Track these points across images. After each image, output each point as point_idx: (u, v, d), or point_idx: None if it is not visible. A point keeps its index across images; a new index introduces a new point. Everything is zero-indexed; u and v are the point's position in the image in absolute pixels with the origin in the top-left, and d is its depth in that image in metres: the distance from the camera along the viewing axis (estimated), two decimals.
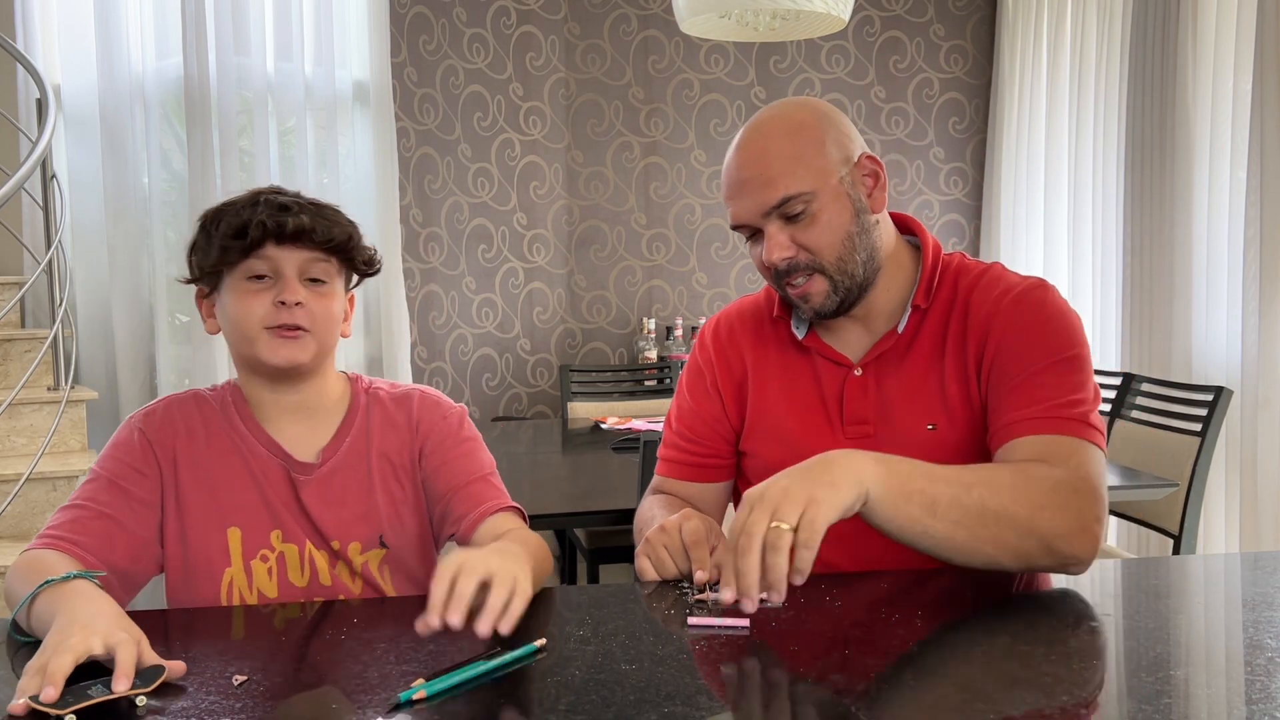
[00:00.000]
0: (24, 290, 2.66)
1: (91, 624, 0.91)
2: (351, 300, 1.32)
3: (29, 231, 3.23)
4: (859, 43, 4.46)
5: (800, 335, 1.37)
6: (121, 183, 3.29)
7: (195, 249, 1.25)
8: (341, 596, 1.26)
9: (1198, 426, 2.51)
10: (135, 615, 1.03)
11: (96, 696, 0.83)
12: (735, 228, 1.31)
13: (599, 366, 4.27)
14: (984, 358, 1.27)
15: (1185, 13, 3.17)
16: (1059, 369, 1.22)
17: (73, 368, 3.02)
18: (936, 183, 4.55)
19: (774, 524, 0.97)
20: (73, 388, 2.96)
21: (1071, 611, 1.07)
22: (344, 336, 1.29)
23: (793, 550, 0.97)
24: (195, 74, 3.27)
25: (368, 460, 1.29)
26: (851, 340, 1.35)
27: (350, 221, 1.27)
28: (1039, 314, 1.26)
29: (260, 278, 1.21)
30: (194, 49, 3.26)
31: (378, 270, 1.31)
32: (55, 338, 2.86)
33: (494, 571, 0.97)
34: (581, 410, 3.59)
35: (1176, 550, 2.48)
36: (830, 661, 0.94)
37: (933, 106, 4.54)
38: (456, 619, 0.92)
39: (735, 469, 1.46)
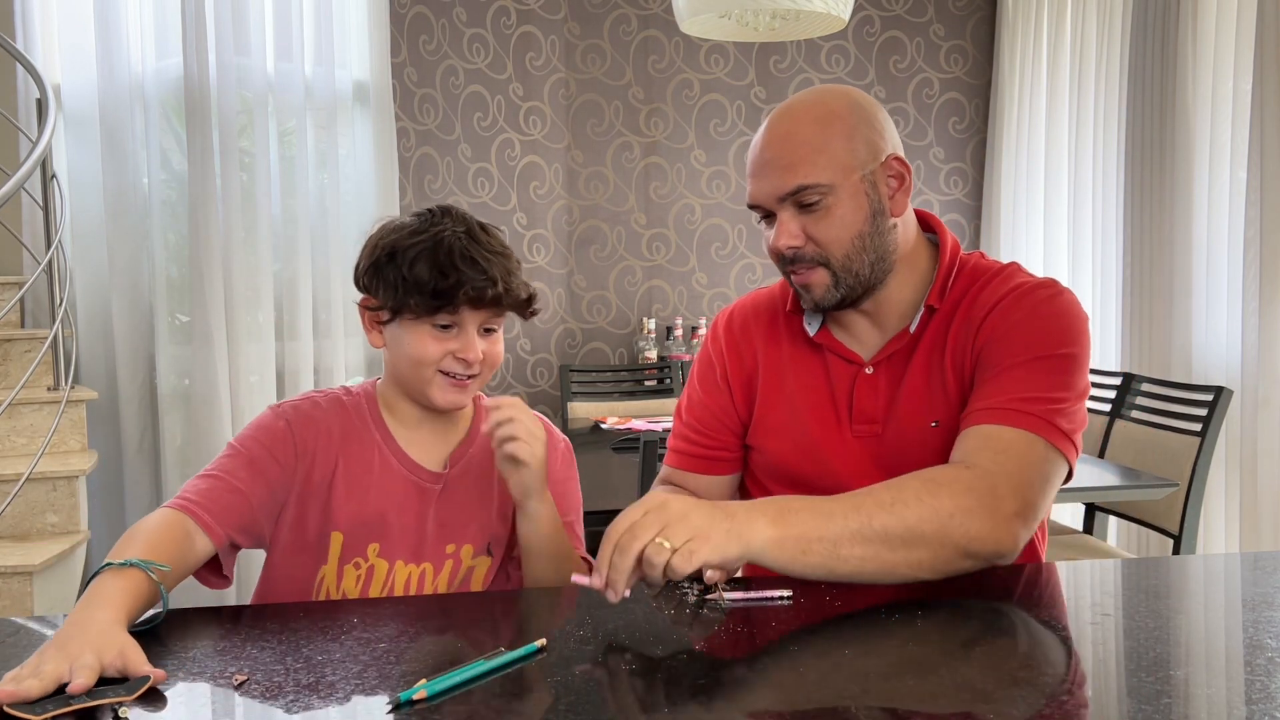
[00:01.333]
0: (24, 290, 2.66)
1: (67, 646, 0.90)
2: None
3: (29, 231, 3.23)
4: (859, 43, 4.46)
5: (812, 332, 1.37)
6: (121, 183, 3.29)
7: (377, 273, 1.27)
8: None
9: (1198, 426, 2.51)
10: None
11: (77, 704, 0.83)
12: (751, 207, 1.30)
13: (599, 366, 4.27)
14: (976, 346, 1.26)
15: (1185, 13, 3.17)
16: (1042, 365, 1.20)
17: (73, 368, 3.02)
18: (936, 183, 4.56)
19: (658, 539, 1.00)
20: (73, 388, 2.96)
21: (1072, 611, 1.07)
22: None
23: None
24: (195, 74, 3.27)
25: (491, 470, 1.34)
26: (864, 338, 1.35)
27: (519, 265, 1.31)
28: (1039, 309, 1.25)
29: (444, 327, 1.26)
30: (194, 49, 3.26)
31: (536, 313, 1.35)
32: (55, 338, 2.86)
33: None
34: (581, 410, 3.59)
35: (1176, 550, 2.48)
36: (830, 661, 0.94)
37: (933, 106, 4.54)
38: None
39: (742, 463, 1.46)
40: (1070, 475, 1.22)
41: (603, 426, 3.21)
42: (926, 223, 1.37)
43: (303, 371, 3.50)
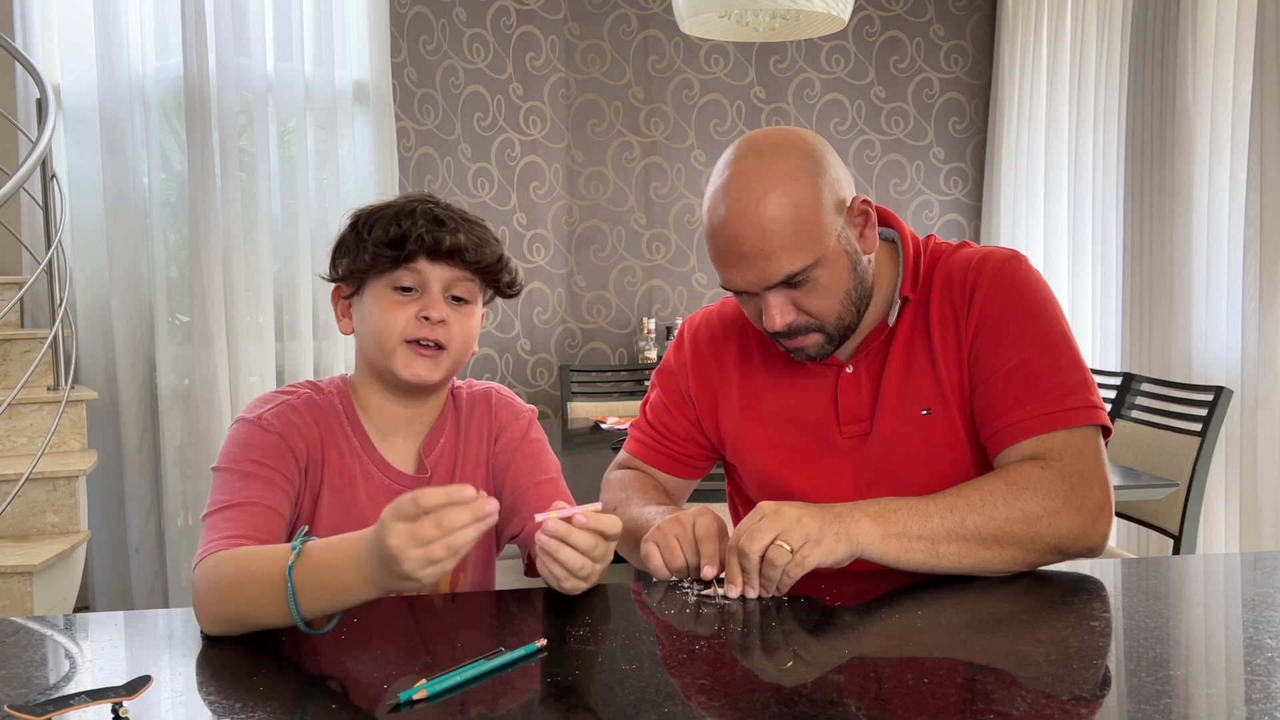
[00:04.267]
0: (24, 290, 2.66)
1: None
2: (482, 317, 1.29)
3: (29, 231, 3.23)
4: (859, 43, 4.46)
5: (784, 348, 1.35)
6: (121, 183, 3.29)
7: (343, 248, 1.23)
8: None
9: (1198, 426, 2.50)
10: (132, 615, 1.03)
11: (77, 705, 0.83)
12: (726, 288, 1.26)
13: (599, 366, 4.27)
14: (967, 329, 1.27)
15: (1185, 13, 3.17)
16: (1043, 355, 1.23)
17: (73, 368, 3.02)
18: (936, 183, 4.55)
19: (778, 541, 1.07)
20: (73, 388, 2.96)
21: (1072, 611, 1.07)
22: (472, 354, 1.28)
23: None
24: (195, 74, 3.27)
25: (455, 464, 1.29)
26: None
27: (498, 240, 1.25)
28: (1015, 291, 1.26)
29: (406, 290, 1.19)
30: (194, 49, 3.26)
31: (518, 292, 1.29)
32: (55, 338, 2.86)
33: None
34: (581, 410, 3.59)
35: (1176, 550, 2.48)
36: (830, 661, 0.94)
37: (933, 106, 4.54)
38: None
39: (704, 470, 1.47)
40: (1109, 432, 1.25)
41: (603, 426, 3.21)
42: (881, 219, 1.35)
43: (303, 371, 3.50)
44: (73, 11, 3.28)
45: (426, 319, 1.18)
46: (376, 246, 1.18)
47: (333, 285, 1.27)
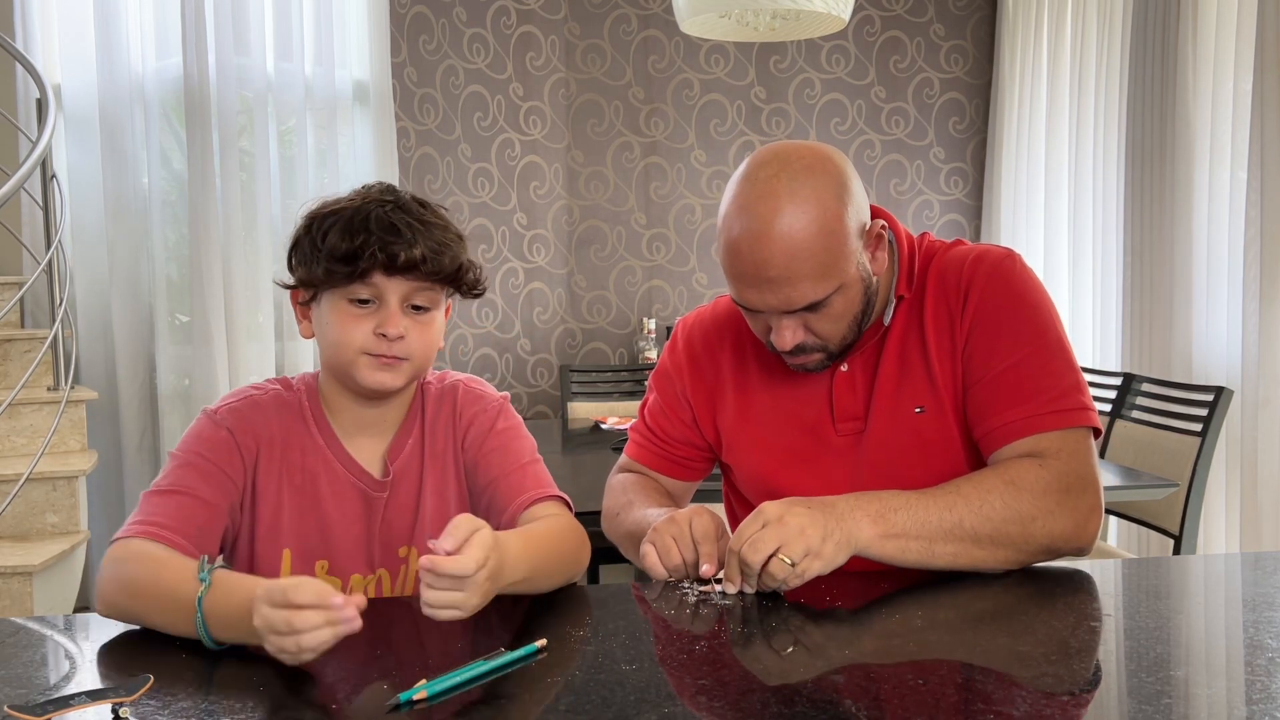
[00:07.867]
0: (24, 290, 2.66)
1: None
2: (448, 310, 1.25)
3: (29, 231, 3.23)
4: (859, 43, 4.46)
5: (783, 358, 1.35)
6: (121, 183, 3.29)
7: (297, 249, 1.19)
8: None
9: (1198, 426, 2.50)
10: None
11: (77, 705, 0.83)
12: (740, 305, 1.25)
13: (599, 366, 4.27)
14: (962, 327, 1.27)
15: (1185, 13, 3.17)
16: (1037, 356, 1.23)
17: (73, 368, 3.02)
18: (936, 183, 4.55)
19: (780, 555, 1.07)
20: (73, 388, 2.96)
21: (1072, 611, 1.07)
22: (438, 348, 1.25)
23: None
24: (195, 74, 3.27)
25: (421, 468, 1.26)
26: None
27: (459, 239, 1.21)
28: (1010, 291, 1.26)
29: (363, 301, 1.16)
30: (194, 49, 3.26)
31: (482, 292, 1.26)
32: (55, 338, 2.86)
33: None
34: (581, 410, 3.59)
35: (1176, 550, 2.48)
36: (830, 661, 0.94)
37: (933, 106, 4.54)
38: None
39: (704, 471, 1.48)
40: (1099, 433, 1.26)
41: (603, 427, 3.20)
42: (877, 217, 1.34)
43: (302, 371, 3.50)
44: (73, 11, 3.28)
45: (384, 335, 1.15)
46: (330, 261, 1.14)
47: (290, 287, 1.24)
